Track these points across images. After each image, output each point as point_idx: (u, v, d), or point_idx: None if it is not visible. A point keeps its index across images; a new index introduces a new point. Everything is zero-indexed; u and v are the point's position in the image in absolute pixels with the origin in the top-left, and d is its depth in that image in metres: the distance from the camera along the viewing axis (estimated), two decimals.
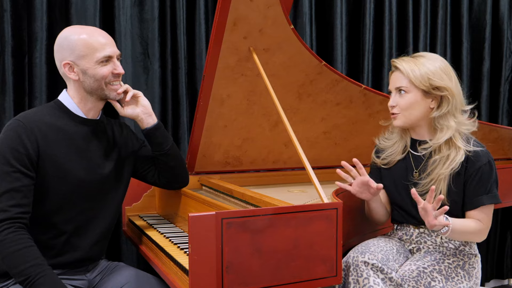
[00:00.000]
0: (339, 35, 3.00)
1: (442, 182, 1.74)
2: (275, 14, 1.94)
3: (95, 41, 1.64)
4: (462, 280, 1.77)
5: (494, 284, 3.59)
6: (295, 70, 2.17)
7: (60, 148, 1.62)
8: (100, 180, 1.71)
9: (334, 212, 1.52)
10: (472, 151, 1.73)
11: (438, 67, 1.76)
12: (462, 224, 1.72)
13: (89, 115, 1.71)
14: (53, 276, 1.49)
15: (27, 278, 1.46)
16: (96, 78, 1.64)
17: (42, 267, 1.48)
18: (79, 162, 1.66)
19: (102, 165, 1.72)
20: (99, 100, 1.71)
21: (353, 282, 1.66)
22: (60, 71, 1.69)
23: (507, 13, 3.40)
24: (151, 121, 1.83)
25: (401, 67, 1.78)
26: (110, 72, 1.66)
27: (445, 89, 1.75)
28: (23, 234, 1.50)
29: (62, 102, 1.69)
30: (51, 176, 1.60)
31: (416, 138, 1.85)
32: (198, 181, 2.37)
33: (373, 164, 1.96)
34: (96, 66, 1.64)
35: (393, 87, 1.81)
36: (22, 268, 1.46)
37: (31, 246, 1.50)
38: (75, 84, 1.67)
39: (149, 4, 2.60)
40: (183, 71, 2.66)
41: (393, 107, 1.80)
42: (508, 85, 3.46)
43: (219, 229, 1.36)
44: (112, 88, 1.69)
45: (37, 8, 2.37)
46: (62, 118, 1.66)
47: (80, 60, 1.63)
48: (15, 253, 1.47)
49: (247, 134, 2.32)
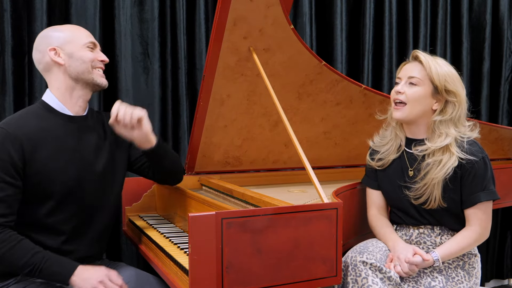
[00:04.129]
0: (339, 35, 3.01)
1: (435, 187, 1.74)
2: (275, 14, 1.94)
3: (79, 29, 1.73)
4: (462, 280, 1.77)
5: (494, 284, 3.59)
6: (295, 70, 2.17)
7: (49, 150, 1.60)
8: (95, 178, 1.69)
9: (334, 212, 1.52)
10: (465, 158, 1.72)
11: (454, 73, 1.77)
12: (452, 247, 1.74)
13: (75, 111, 1.69)
14: (56, 256, 1.56)
15: (34, 267, 1.51)
16: (83, 60, 1.66)
17: (42, 253, 1.54)
18: (71, 161, 1.64)
19: (95, 162, 1.70)
20: (85, 88, 1.69)
21: (352, 282, 1.66)
22: (43, 61, 1.67)
23: (507, 13, 3.41)
24: (148, 145, 1.73)
25: (424, 59, 1.76)
26: (96, 57, 1.70)
27: (455, 95, 1.74)
28: (9, 232, 1.53)
29: (46, 102, 1.67)
30: (43, 179, 1.58)
31: (411, 137, 1.84)
32: (198, 181, 2.37)
33: (368, 167, 1.96)
34: (83, 49, 1.67)
35: (406, 75, 1.78)
36: (25, 260, 1.51)
37: (22, 240, 1.54)
38: (59, 72, 1.66)
39: (149, 4, 2.60)
40: (183, 71, 2.66)
41: (400, 94, 1.77)
42: (508, 85, 3.47)
43: (219, 229, 1.36)
44: (98, 73, 1.70)
45: (37, 8, 2.37)
46: (48, 119, 1.64)
47: (66, 45, 1.66)
48: (11, 251, 1.51)
49: (247, 134, 2.32)
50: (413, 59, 1.81)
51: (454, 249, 1.74)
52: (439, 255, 1.72)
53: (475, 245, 1.79)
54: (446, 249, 1.74)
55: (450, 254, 1.74)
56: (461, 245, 1.75)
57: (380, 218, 1.89)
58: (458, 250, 1.75)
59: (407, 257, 1.68)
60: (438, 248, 1.75)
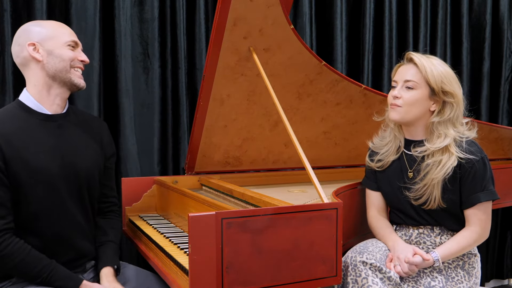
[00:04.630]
0: (339, 35, 3.01)
1: (435, 187, 1.74)
2: (275, 14, 1.94)
3: (62, 27, 1.68)
4: (462, 280, 1.77)
5: (494, 284, 3.59)
6: (295, 70, 2.17)
7: (28, 150, 1.57)
8: (77, 176, 1.66)
9: (334, 212, 1.52)
10: (464, 158, 1.72)
11: (450, 73, 1.76)
12: (452, 247, 1.74)
13: (53, 109, 1.65)
14: (62, 269, 1.58)
15: (42, 278, 1.55)
16: (62, 58, 1.62)
17: (50, 265, 1.56)
18: (52, 161, 1.61)
19: (76, 160, 1.66)
20: (62, 87, 1.65)
21: (352, 282, 1.66)
22: (21, 55, 1.63)
23: (507, 13, 3.41)
24: None
25: (418, 61, 1.74)
26: (77, 57, 1.66)
27: (452, 96, 1.73)
28: (17, 242, 1.53)
29: (23, 102, 1.63)
30: (25, 180, 1.55)
31: (410, 139, 1.84)
32: (198, 181, 2.37)
33: (367, 168, 1.95)
34: (64, 47, 1.63)
35: (402, 79, 1.76)
36: (35, 272, 1.54)
37: (30, 250, 1.55)
38: (36, 68, 1.62)
39: (149, 4, 2.60)
40: (183, 71, 2.66)
41: (397, 98, 1.76)
42: (508, 85, 3.47)
43: (219, 229, 1.36)
44: (76, 73, 1.66)
45: (37, 8, 2.37)
46: (25, 119, 1.61)
47: (47, 41, 1.62)
48: (21, 263, 1.53)
49: (247, 134, 2.32)
50: (407, 61, 1.79)
51: (454, 249, 1.74)
52: (439, 255, 1.72)
53: (475, 245, 1.79)
54: (446, 249, 1.74)
55: (450, 254, 1.74)
56: (461, 245, 1.75)
57: (380, 219, 1.89)
58: (458, 250, 1.75)
59: (407, 257, 1.68)
60: (438, 248, 1.75)
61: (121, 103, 2.54)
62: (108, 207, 1.86)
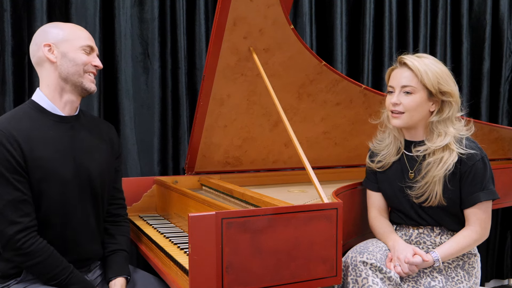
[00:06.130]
0: (339, 35, 3.01)
1: (437, 184, 1.74)
2: (275, 14, 1.94)
3: (81, 30, 1.69)
4: (462, 280, 1.77)
5: (494, 284, 3.59)
6: (295, 70, 2.17)
7: (43, 150, 1.57)
8: (90, 178, 1.67)
9: (334, 212, 1.52)
10: (465, 153, 1.72)
11: (444, 71, 1.75)
12: (452, 247, 1.74)
13: (66, 110, 1.66)
14: (79, 274, 1.61)
15: (60, 280, 1.56)
16: (76, 62, 1.63)
17: (69, 268, 1.58)
18: (65, 162, 1.61)
19: (88, 162, 1.67)
20: (73, 90, 1.65)
21: (352, 282, 1.66)
22: (37, 55, 1.64)
23: (507, 13, 3.41)
24: None
25: (412, 65, 1.72)
26: (90, 62, 1.66)
27: (450, 95, 1.73)
28: (41, 242, 1.54)
29: (37, 102, 1.64)
30: (40, 180, 1.56)
31: (410, 140, 1.84)
32: (198, 181, 2.37)
33: (368, 169, 1.95)
34: (78, 51, 1.64)
35: (399, 84, 1.75)
36: (54, 273, 1.55)
37: (53, 251, 1.56)
38: (50, 68, 1.63)
39: (149, 4, 2.60)
40: (183, 71, 2.66)
41: (397, 105, 1.75)
42: (508, 85, 3.47)
43: (219, 229, 1.36)
44: (88, 77, 1.66)
45: (37, 8, 2.37)
46: (39, 119, 1.61)
47: (62, 43, 1.63)
48: (43, 263, 1.54)
49: (247, 134, 2.32)
50: (400, 65, 1.77)
51: (454, 249, 1.74)
52: (439, 255, 1.72)
53: (475, 245, 1.79)
54: (446, 249, 1.74)
55: (450, 254, 1.74)
56: (461, 245, 1.75)
57: (380, 219, 1.89)
58: (458, 250, 1.75)
59: (407, 257, 1.68)
60: (438, 248, 1.75)
61: (121, 103, 2.54)
62: (116, 209, 1.86)
